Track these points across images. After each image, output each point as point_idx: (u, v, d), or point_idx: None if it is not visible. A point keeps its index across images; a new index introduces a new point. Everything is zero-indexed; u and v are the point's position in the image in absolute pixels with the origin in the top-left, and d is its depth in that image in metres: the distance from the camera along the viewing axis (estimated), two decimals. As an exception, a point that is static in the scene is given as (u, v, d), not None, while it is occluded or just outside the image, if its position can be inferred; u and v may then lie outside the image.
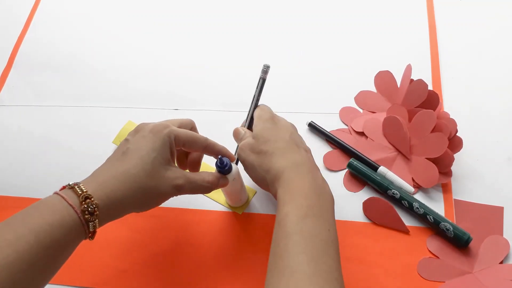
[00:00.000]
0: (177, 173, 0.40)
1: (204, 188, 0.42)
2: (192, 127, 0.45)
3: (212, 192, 0.49)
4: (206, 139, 0.43)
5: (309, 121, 0.56)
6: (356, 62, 0.61)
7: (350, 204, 0.50)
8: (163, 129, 0.40)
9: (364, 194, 0.51)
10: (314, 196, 0.38)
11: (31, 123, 0.62)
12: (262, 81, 0.48)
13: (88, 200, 0.36)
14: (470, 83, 0.57)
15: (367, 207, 0.50)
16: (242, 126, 0.49)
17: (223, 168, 0.43)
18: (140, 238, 0.51)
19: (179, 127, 0.43)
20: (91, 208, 0.35)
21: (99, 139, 0.59)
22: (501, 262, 0.45)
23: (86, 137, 0.60)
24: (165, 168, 0.40)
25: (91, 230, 0.36)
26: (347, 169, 0.53)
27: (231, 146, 0.47)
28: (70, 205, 0.35)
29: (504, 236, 0.46)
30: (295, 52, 0.63)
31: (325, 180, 0.42)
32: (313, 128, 0.56)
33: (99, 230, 0.37)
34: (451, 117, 0.51)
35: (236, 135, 0.48)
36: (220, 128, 0.57)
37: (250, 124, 0.48)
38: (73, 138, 0.60)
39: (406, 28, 0.63)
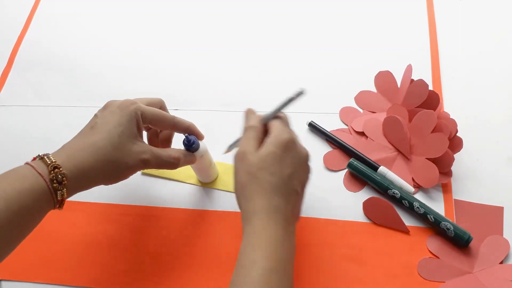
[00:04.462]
0: (143, 148, 0.42)
1: (170, 163, 0.43)
2: (161, 106, 0.46)
3: (182, 174, 0.52)
4: (174, 117, 0.45)
5: (309, 121, 0.56)
6: (356, 62, 0.61)
7: (350, 204, 0.50)
8: (130, 105, 0.42)
9: (364, 194, 0.51)
10: (283, 249, 0.37)
11: (31, 123, 0.62)
12: (289, 100, 0.43)
13: (56, 169, 0.37)
14: (470, 83, 0.57)
15: (367, 207, 0.50)
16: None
17: (190, 146, 0.45)
18: (140, 238, 0.51)
19: (148, 105, 0.44)
20: (59, 177, 0.37)
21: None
22: (501, 262, 0.45)
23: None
24: (132, 142, 0.41)
25: (59, 198, 0.37)
26: (347, 169, 0.53)
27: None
28: (39, 173, 0.37)
29: (504, 236, 0.46)
30: (295, 52, 0.63)
31: (294, 231, 0.39)
32: (313, 128, 0.56)
33: (99, 230, 0.37)
34: (451, 117, 0.51)
35: (248, 119, 0.43)
36: (220, 128, 0.57)
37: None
38: (73, 138, 0.60)
39: (406, 28, 0.63)
